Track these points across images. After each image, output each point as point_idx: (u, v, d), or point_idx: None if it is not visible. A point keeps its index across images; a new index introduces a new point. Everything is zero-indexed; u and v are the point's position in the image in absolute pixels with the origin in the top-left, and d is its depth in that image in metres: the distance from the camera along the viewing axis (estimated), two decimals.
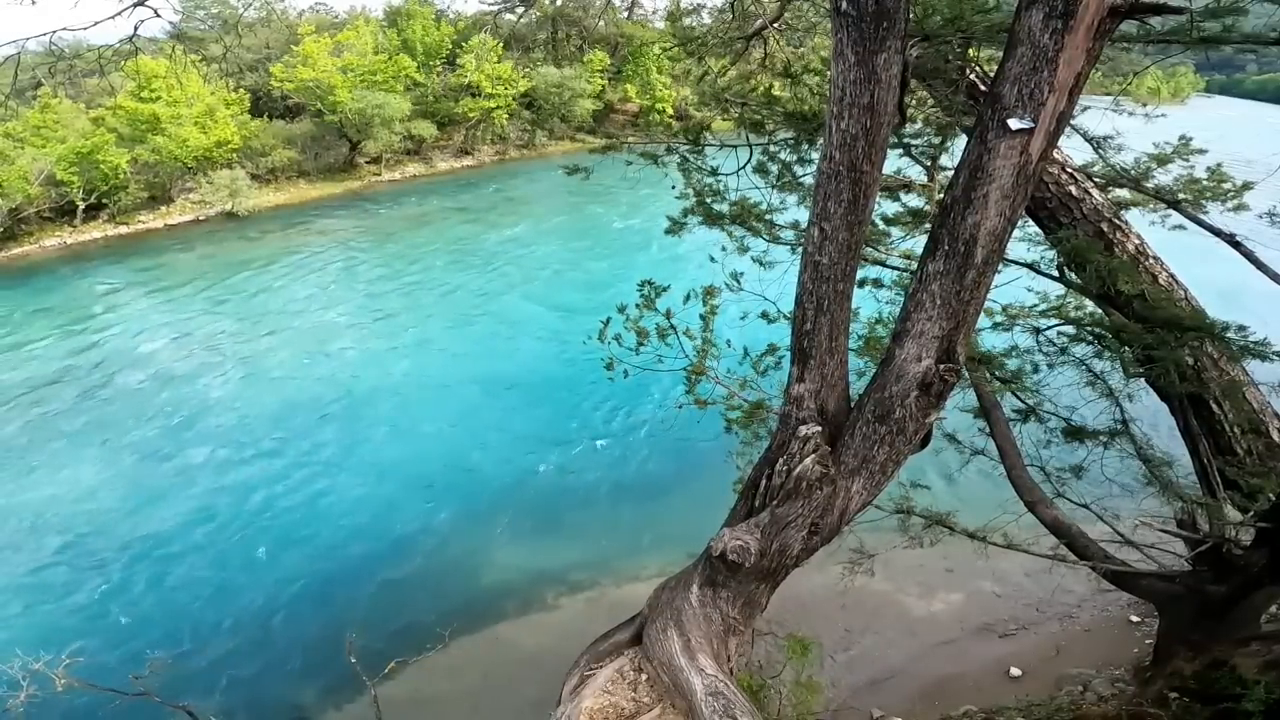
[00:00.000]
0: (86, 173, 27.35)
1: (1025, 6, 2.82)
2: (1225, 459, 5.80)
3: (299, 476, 13.61)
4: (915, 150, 7.46)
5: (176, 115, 29.49)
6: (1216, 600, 6.28)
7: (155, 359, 18.59)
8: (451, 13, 44.40)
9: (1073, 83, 2.85)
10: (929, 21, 4.72)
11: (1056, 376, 6.54)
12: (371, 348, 19.03)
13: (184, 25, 30.48)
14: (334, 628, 9.83)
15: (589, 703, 3.95)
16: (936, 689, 8.60)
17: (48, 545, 11.89)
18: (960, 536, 6.85)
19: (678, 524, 11.46)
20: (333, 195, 33.83)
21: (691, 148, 7.43)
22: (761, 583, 4.06)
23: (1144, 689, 7.19)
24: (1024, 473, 6.51)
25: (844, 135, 3.09)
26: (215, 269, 25.14)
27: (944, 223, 3.20)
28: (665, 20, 23.86)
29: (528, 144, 41.92)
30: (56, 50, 5.68)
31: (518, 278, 23.81)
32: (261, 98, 36.68)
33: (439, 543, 11.85)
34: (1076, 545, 6.37)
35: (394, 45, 39.14)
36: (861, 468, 3.71)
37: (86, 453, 14.50)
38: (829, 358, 3.63)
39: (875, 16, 2.84)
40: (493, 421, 15.39)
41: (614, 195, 30.43)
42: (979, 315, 3.60)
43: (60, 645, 7.33)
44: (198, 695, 8.31)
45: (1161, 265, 6.06)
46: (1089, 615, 9.64)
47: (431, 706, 8.63)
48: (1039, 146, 2.94)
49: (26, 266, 25.67)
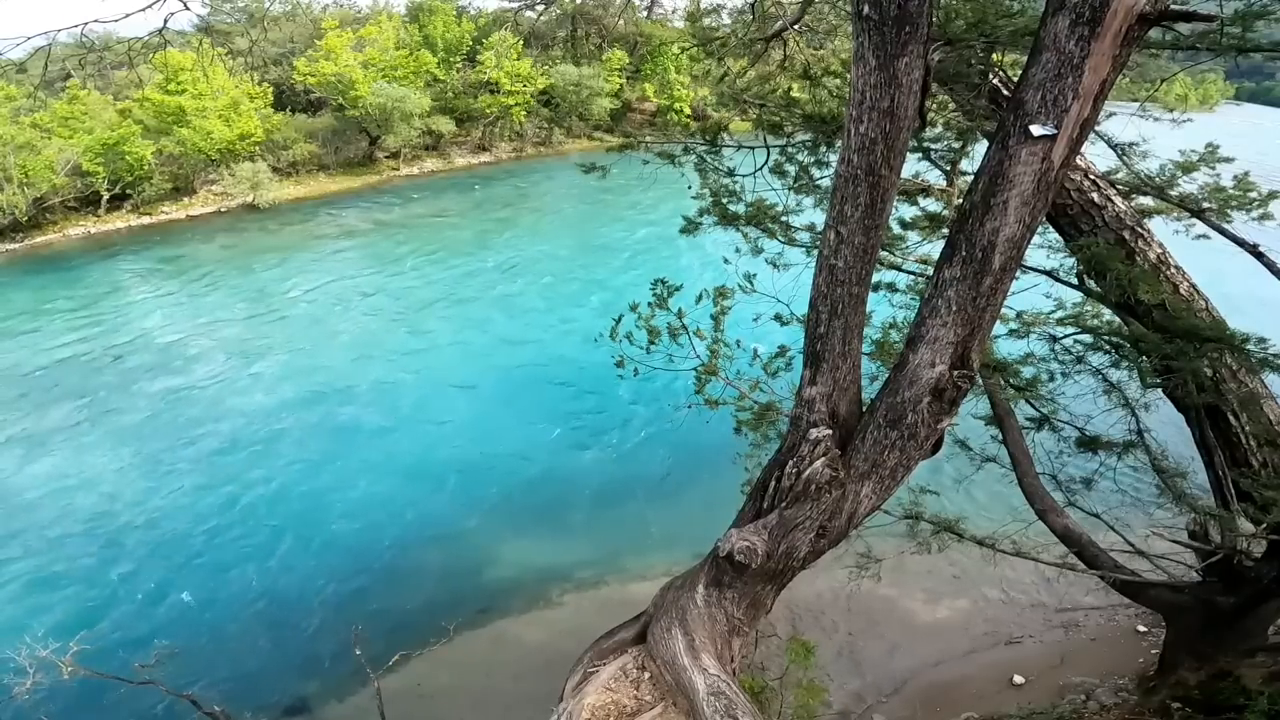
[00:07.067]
0: (112, 163, 27.81)
1: (1051, 13, 2.79)
2: (1240, 471, 5.74)
3: (308, 468, 13.74)
4: (935, 154, 7.41)
5: (201, 108, 29.89)
6: (1225, 611, 6.23)
7: (172, 348, 18.87)
8: (473, 9, 44.65)
9: (1098, 90, 2.82)
10: (952, 26, 4.68)
11: (1072, 385, 6.47)
12: (384, 341, 19.19)
13: (212, 18, 30.84)
14: (338, 619, 9.92)
15: (591, 699, 3.97)
16: (939, 694, 8.56)
17: (58, 531, 12.05)
18: (969, 543, 6.82)
19: (685, 524, 11.47)
20: (352, 189, 34.14)
21: (709, 148, 7.42)
22: (767, 584, 4.06)
23: (1147, 698, 7.12)
24: (1036, 481, 6.46)
25: (863, 139, 3.08)
26: (236, 259, 25.48)
27: (962, 228, 3.18)
28: (684, 20, 23.79)
29: (545, 141, 42.01)
30: (87, 42, 5.76)
31: (532, 274, 23.90)
32: (285, 91, 37.07)
33: (445, 537, 11.92)
34: (1086, 554, 6.32)
35: (415, 41, 39.42)
36: (871, 472, 3.71)
37: (100, 439, 14.73)
38: (842, 361, 3.63)
39: (897, 21, 2.83)
40: (502, 417, 15.46)
41: (630, 194, 30.44)
42: (995, 322, 3.58)
43: (67, 633, 7.38)
44: (202, 684, 8.39)
45: (1183, 275, 5.98)
46: (1095, 624, 9.54)
47: (434, 700, 8.68)
48: (1061, 153, 2.92)
49: (51, 255, 26.16)
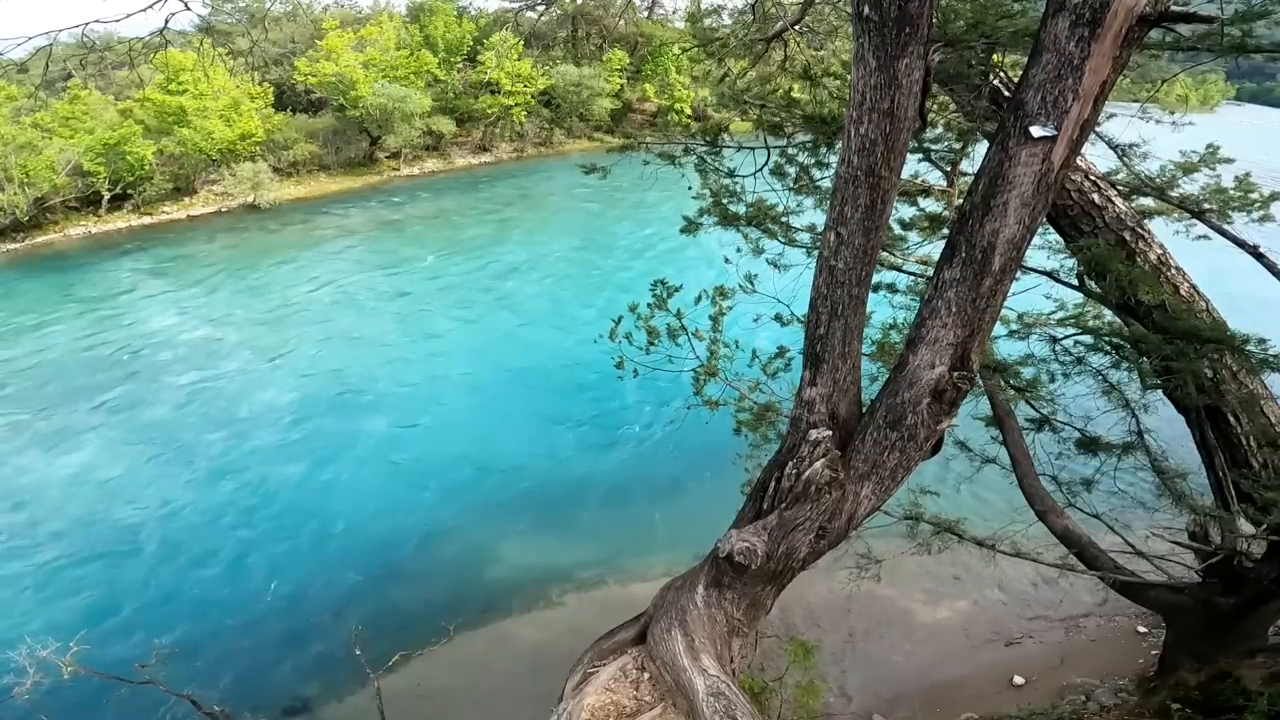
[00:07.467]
0: (113, 163, 27.84)
1: (1051, 14, 2.79)
2: (1241, 472, 5.75)
3: (308, 468, 13.75)
4: (935, 155, 7.40)
5: (202, 108, 29.93)
6: (1225, 612, 6.24)
7: (172, 348, 18.88)
8: (473, 9, 44.69)
9: (1098, 91, 2.82)
10: (952, 27, 4.68)
11: (1072, 386, 6.46)
12: (384, 341, 19.20)
13: (212, 19, 30.83)
14: (338, 620, 9.92)
15: (591, 699, 3.97)
16: (938, 695, 8.56)
17: (58, 531, 12.05)
18: (969, 544, 6.81)
19: (685, 524, 11.46)
20: (352, 189, 34.17)
21: (709, 148, 7.42)
22: (767, 585, 4.06)
23: (1147, 699, 7.13)
24: (1036, 482, 6.46)
25: (863, 140, 3.08)
26: (236, 259, 25.50)
27: (962, 229, 3.18)
28: (685, 21, 23.79)
29: (545, 142, 42.04)
30: (88, 42, 5.76)
31: (532, 275, 23.90)
32: (285, 91, 37.10)
33: (445, 537, 11.92)
34: (1086, 555, 6.32)
35: (416, 41, 39.45)
36: (871, 473, 3.71)
37: (100, 439, 14.74)
38: (842, 362, 3.63)
39: (897, 22, 2.83)
40: (503, 417, 15.47)
41: (630, 195, 30.45)
42: (995, 323, 3.58)
43: (67, 633, 7.37)
44: (202, 684, 8.37)
45: (1184, 276, 5.98)
46: (1095, 625, 9.55)
47: (434, 700, 8.68)
48: (1061, 154, 2.92)
49: (52, 255, 26.19)
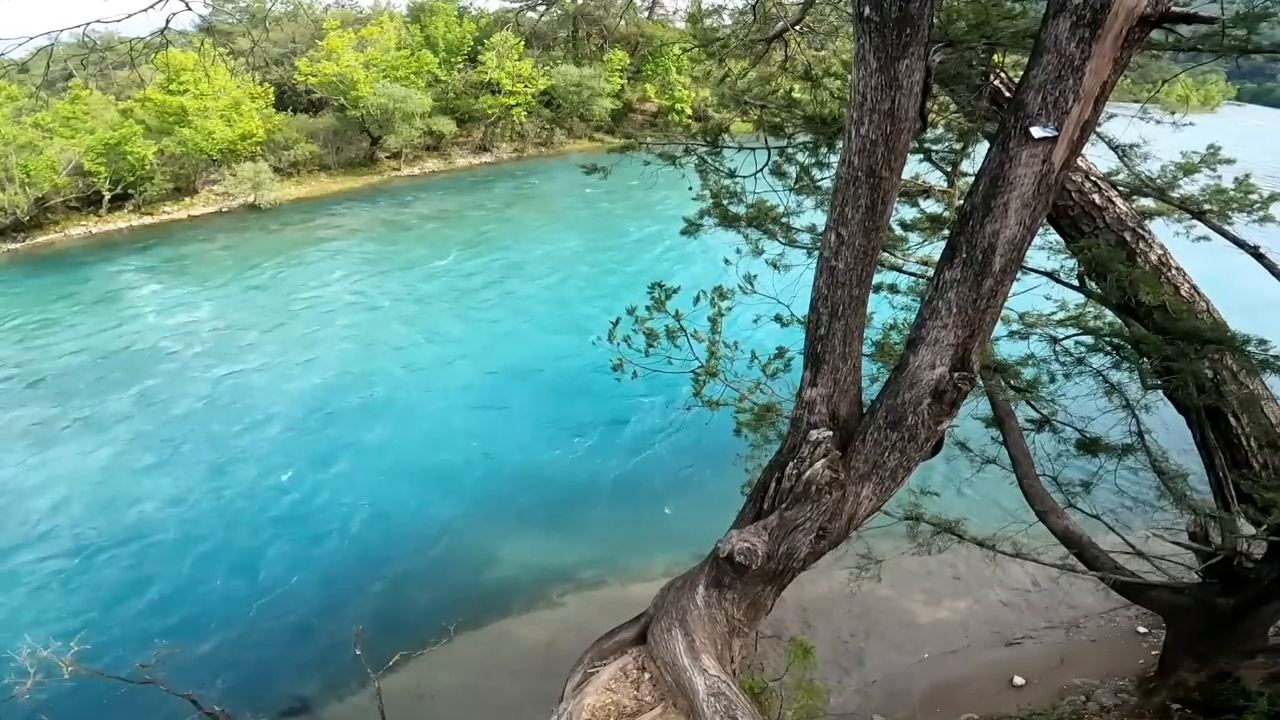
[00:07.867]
0: (114, 163, 27.87)
1: (1052, 15, 2.79)
2: (1241, 472, 5.74)
3: (308, 468, 13.76)
4: (936, 155, 7.40)
5: (203, 108, 29.95)
6: (1225, 612, 6.24)
7: (173, 348, 18.90)
8: (474, 10, 44.70)
9: (1098, 91, 2.82)
10: (953, 27, 4.68)
11: (1072, 386, 6.47)
12: (385, 341, 19.21)
13: (213, 19, 30.88)
14: (338, 620, 9.92)
15: (591, 700, 3.97)
16: (939, 695, 8.56)
17: (58, 531, 12.06)
18: (969, 544, 6.82)
19: (685, 525, 11.46)
20: (353, 189, 34.19)
21: (709, 149, 7.42)
22: (768, 585, 4.06)
23: (1147, 700, 7.13)
24: (1036, 482, 6.46)
25: (863, 141, 3.08)
26: (237, 259, 25.52)
27: (962, 230, 3.18)
28: (686, 21, 23.81)
29: (546, 142, 42.07)
30: (89, 42, 5.76)
31: (532, 275, 23.91)
32: (286, 91, 37.14)
33: (445, 537, 11.92)
34: (1087, 555, 6.32)
35: (417, 41, 39.47)
36: (872, 473, 3.71)
37: (101, 439, 14.75)
38: (842, 363, 3.62)
39: (898, 23, 2.83)
40: (502, 417, 15.48)
41: (630, 195, 30.45)
42: (995, 324, 3.57)
43: (68, 633, 7.38)
44: (203, 684, 8.39)
45: (1184, 276, 5.98)
46: (1096, 626, 9.55)
47: (434, 700, 8.69)
48: (1062, 155, 2.92)
49: (53, 255, 26.21)
